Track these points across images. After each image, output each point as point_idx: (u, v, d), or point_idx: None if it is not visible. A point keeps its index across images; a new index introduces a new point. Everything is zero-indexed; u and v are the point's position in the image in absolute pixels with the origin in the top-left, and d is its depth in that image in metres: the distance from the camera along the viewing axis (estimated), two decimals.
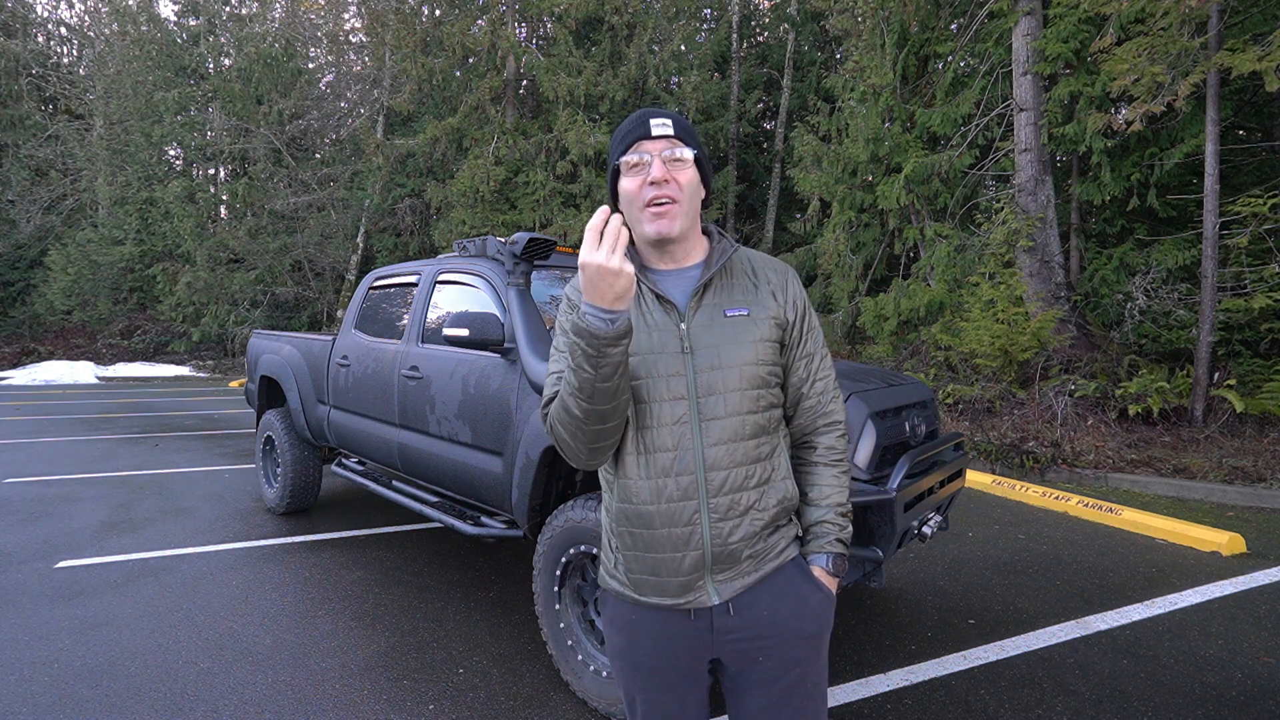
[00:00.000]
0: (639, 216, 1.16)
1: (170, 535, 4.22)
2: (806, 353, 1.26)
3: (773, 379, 1.21)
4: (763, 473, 1.18)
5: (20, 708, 2.31)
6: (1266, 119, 8.35)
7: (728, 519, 1.15)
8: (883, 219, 10.62)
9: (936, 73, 10.03)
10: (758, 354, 1.18)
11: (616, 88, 14.17)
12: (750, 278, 1.24)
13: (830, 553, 1.23)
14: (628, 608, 1.21)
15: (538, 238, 2.95)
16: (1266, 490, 5.27)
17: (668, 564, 1.16)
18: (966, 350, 7.82)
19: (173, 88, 18.63)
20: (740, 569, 1.17)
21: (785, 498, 1.21)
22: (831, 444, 1.27)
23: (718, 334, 1.17)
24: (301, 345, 4.55)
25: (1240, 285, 6.68)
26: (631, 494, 1.18)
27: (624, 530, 1.20)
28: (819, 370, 1.27)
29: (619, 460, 1.20)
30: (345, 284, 18.09)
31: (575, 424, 1.09)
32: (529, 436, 2.60)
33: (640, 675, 1.21)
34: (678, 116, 1.17)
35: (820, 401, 1.26)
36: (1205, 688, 2.58)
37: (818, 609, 1.20)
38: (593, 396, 1.05)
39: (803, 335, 1.25)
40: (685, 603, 1.16)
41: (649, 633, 1.19)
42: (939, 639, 2.96)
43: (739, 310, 1.19)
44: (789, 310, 1.24)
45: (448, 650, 2.78)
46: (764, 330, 1.19)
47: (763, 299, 1.22)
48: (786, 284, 1.25)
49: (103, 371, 16.42)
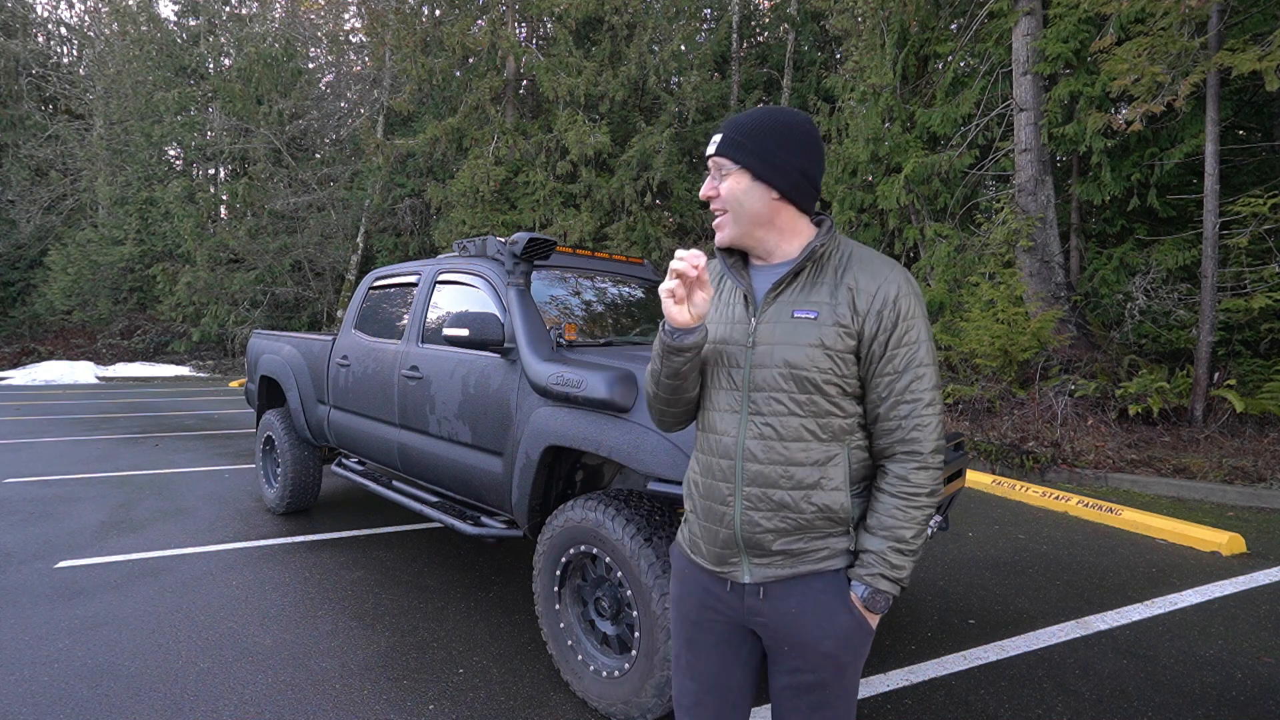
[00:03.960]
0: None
1: (170, 535, 4.22)
2: (892, 370, 1.16)
3: (831, 388, 1.16)
4: (803, 477, 1.17)
5: (20, 708, 2.31)
6: (1266, 119, 8.35)
7: (758, 509, 1.19)
8: (883, 219, 10.62)
9: (936, 73, 10.03)
10: (811, 359, 1.15)
11: (616, 88, 14.17)
12: (836, 276, 1.19)
13: (870, 586, 1.17)
14: (685, 561, 1.33)
15: (538, 238, 2.95)
16: (1266, 490, 5.27)
17: (708, 533, 1.26)
18: (966, 350, 7.82)
19: (173, 88, 18.63)
20: (773, 560, 1.21)
21: (829, 509, 1.18)
22: (903, 474, 1.17)
23: (780, 333, 1.18)
24: (301, 345, 4.55)
25: (1240, 285, 6.68)
26: (695, 464, 1.32)
27: (689, 493, 1.33)
28: (906, 393, 1.16)
29: (697, 432, 1.34)
30: (345, 284, 18.09)
31: (649, 397, 1.31)
32: (529, 436, 2.60)
33: (686, 626, 1.31)
34: (727, 129, 1.23)
35: (901, 426, 1.17)
36: (1205, 688, 2.58)
37: (845, 631, 1.18)
38: (659, 384, 1.25)
39: (886, 350, 1.16)
40: (721, 572, 1.25)
41: (697, 588, 1.29)
42: (939, 639, 2.96)
43: (807, 312, 1.17)
44: (869, 321, 1.16)
45: (448, 650, 2.78)
46: (827, 336, 1.15)
47: (838, 303, 1.17)
48: (876, 290, 1.16)
49: (103, 371, 16.42)
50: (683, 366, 1.19)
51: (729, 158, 1.22)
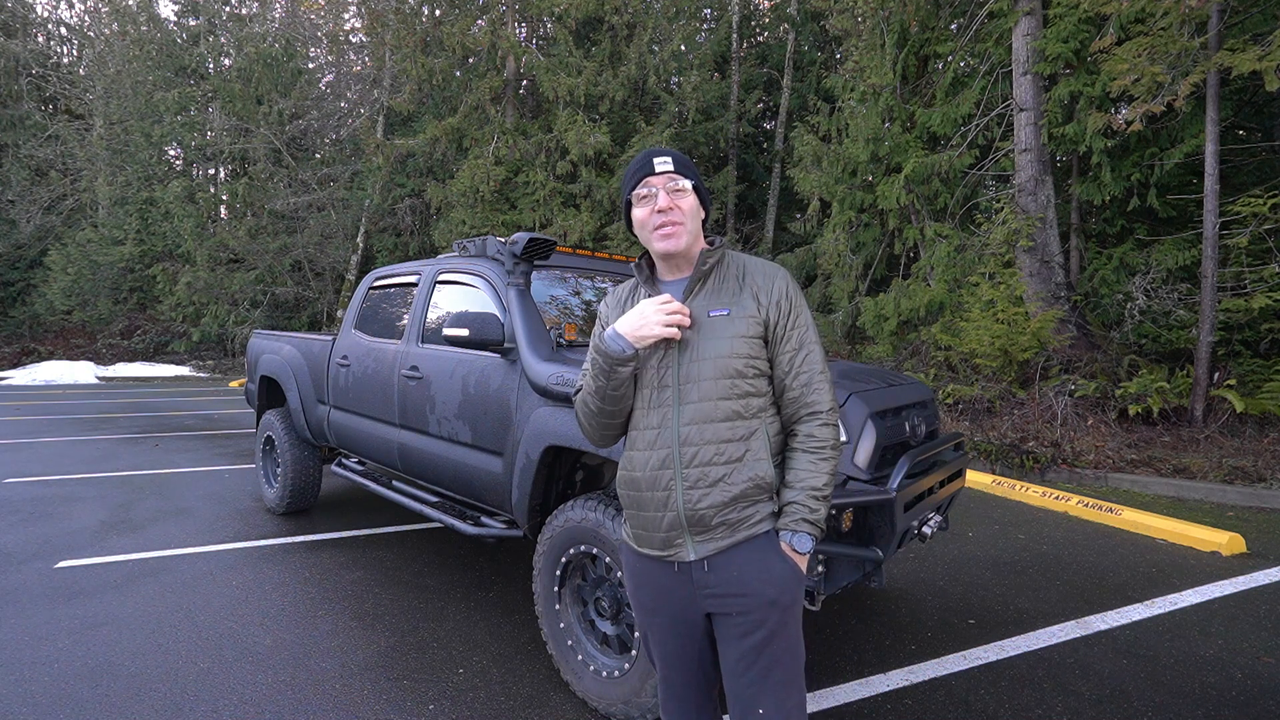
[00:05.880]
0: (650, 238, 1.42)
1: (170, 535, 4.22)
2: (790, 348, 1.40)
3: (750, 370, 1.37)
4: (733, 452, 1.35)
5: (20, 708, 2.31)
6: (1266, 119, 8.34)
7: (697, 488, 1.35)
8: (883, 219, 10.61)
9: (936, 73, 10.03)
10: (733, 348, 1.36)
11: (616, 88, 14.17)
12: (738, 281, 1.42)
13: (794, 530, 1.35)
14: (634, 556, 1.47)
15: (538, 238, 2.95)
16: (1266, 490, 5.27)
17: (652, 521, 1.40)
18: (966, 350, 7.81)
19: (173, 88, 18.63)
20: (714, 533, 1.35)
21: (757, 476, 1.36)
22: (810, 432, 1.39)
23: (703, 330, 1.38)
24: (301, 345, 4.55)
25: (1240, 285, 6.67)
26: (629, 462, 1.44)
27: (624, 493, 1.46)
28: (803, 364, 1.40)
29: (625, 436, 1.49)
30: (345, 284, 18.09)
31: (590, 415, 1.45)
32: (529, 436, 2.60)
33: (645, 614, 1.46)
34: (676, 153, 1.43)
35: (803, 393, 1.40)
36: (1205, 688, 2.58)
37: (781, 577, 1.34)
38: (604, 399, 1.41)
39: (786, 332, 1.40)
40: (668, 555, 1.39)
41: (648, 578, 1.44)
42: (939, 639, 2.96)
43: (721, 310, 1.38)
44: (771, 310, 1.40)
45: (448, 650, 2.78)
46: (742, 328, 1.37)
47: (744, 300, 1.39)
48: (772, 286, 1.41)
49: (103, 371, 16.42)
50: (627, 375, 1.38)
51: (686, 176, 1.41)
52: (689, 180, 1.41)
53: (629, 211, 1.47)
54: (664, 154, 1.41)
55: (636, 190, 1.41)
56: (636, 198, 1.42)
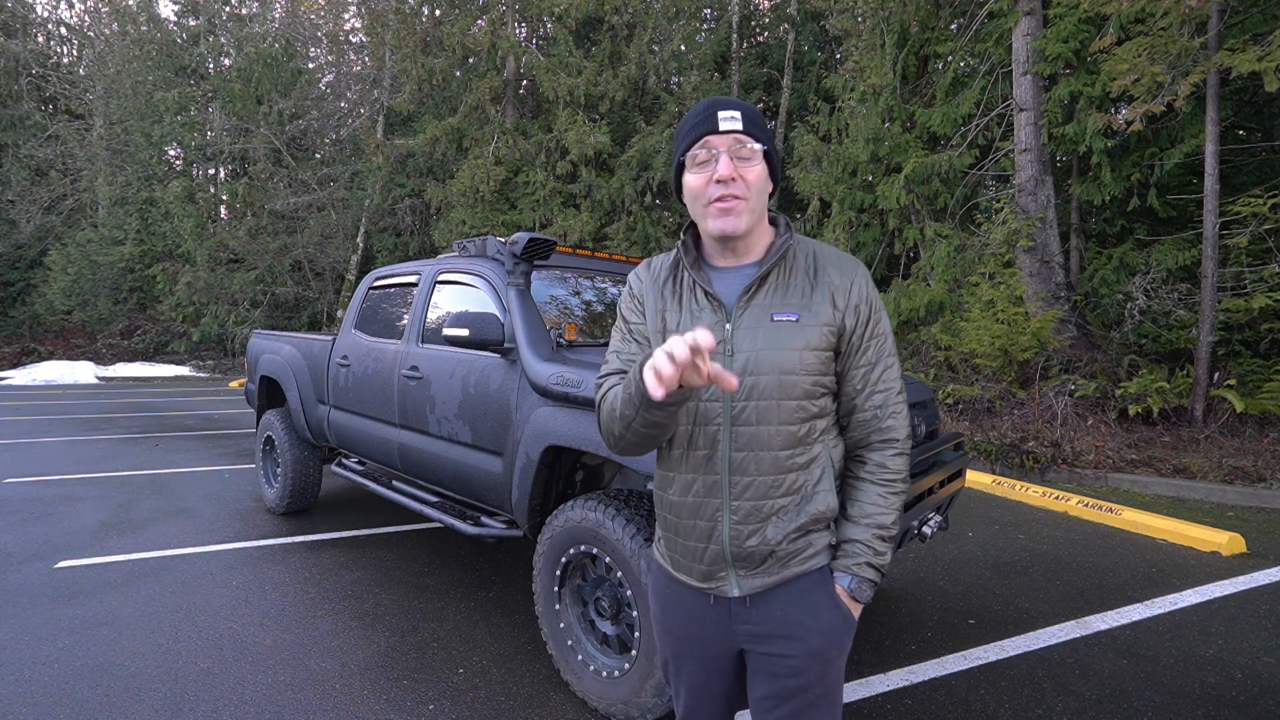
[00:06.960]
0: (704, 213, 1.12)
1: (170, 535, 4.22)
2: (866, 362, 1.16)
3: (818, 390, 1.14)
4: (793, 483, 1.14)
5: (20, 708, 2.31)
6: (1266, 119, 8.34)
7: (748, 523, 1.14)
8: (883, 219, 10.61)
9: (936, 73, 10.03)
10: (802, 363, 1.11)
11: (616, 88, 14.17)
12: (809, 277, 1.15)
13: (856, 575, 1.16)
14: (665, 579, 1.27)
15: (538, 238, 2.95)
16: (1266, 490, 5.27)
17: (692, 551, 1.19)
18: (966, 350, 7.81)
19: (173, 88, 18.64)
20: (763, 568, 1.16)
21: (819, 511, 1.16)
22: (883, 462, 1.18)
23: (762, 338, 1.12)
24: (301, 345, 4.54)
25: (1240, 285, 6.67)
26: (668, 483, 1.21)
27: (662, 513, 1.25)
28: (879, 381, 1.17)
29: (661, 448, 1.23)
30: (345, 284, 18.09)
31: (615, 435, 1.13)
32: (529, 436, 2.60)
33: (672, 641, 1.27)
34: (747, 107, 1.10)
35: (876, 416, 1.17)
36: (1205, 688, 2.58)
37: (830, 626, 1.15)
38: (629, 428, 1.08)
39: (863, 343, 1.16)
40: (708, 588, 1.19)
41: (680, 605, 1.24)
42: (939, 639, 2.96)
43: (788, 315, 1.12)
44: (849, 316, 1.14)
45: (448, 650, 2.78)
46: (813, 338, 1.12)
47: (818, 303, 1.13)
48: (851, 285, 1.15)
49: (103, 371, 16.42)
50: (664, 419, 1.04)
51: (757, 139, 1.10)
52: (760, 145, 1.10)
53: (679, 175, 1.16)
54: (732, 106, 1.09)
55: (693, 150, 1.11)
56: (691, 159, 1.11)
